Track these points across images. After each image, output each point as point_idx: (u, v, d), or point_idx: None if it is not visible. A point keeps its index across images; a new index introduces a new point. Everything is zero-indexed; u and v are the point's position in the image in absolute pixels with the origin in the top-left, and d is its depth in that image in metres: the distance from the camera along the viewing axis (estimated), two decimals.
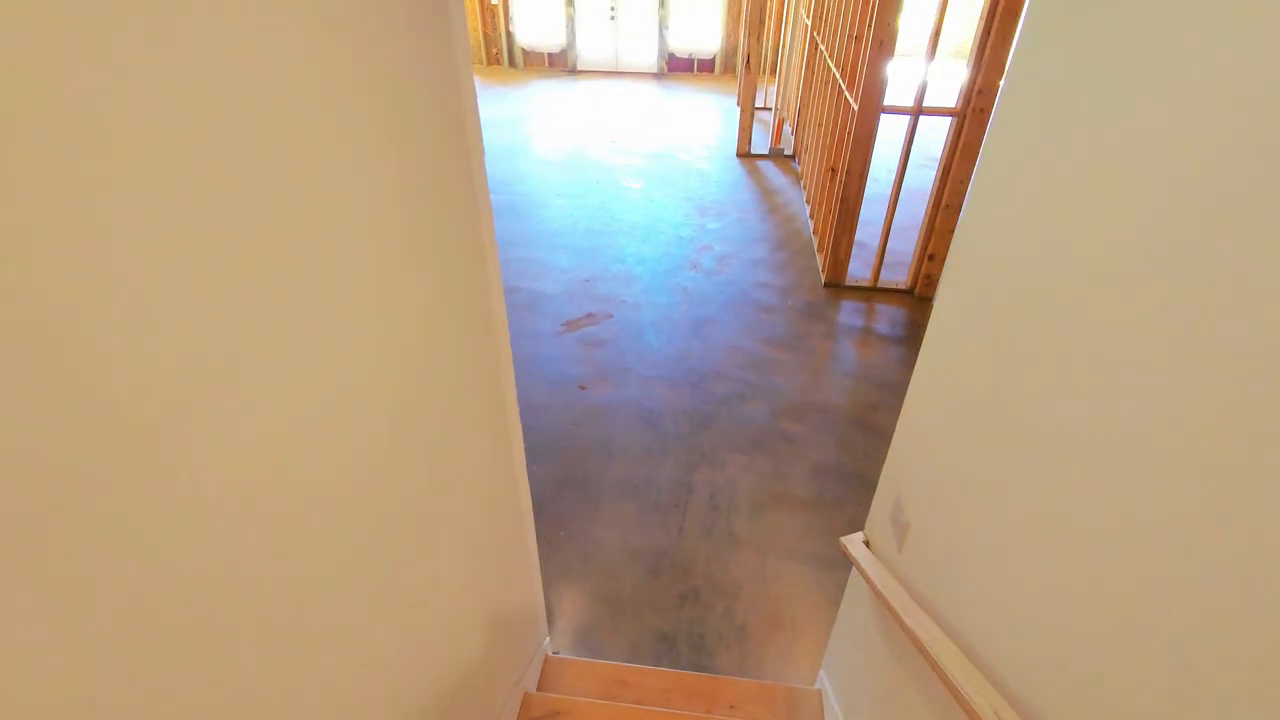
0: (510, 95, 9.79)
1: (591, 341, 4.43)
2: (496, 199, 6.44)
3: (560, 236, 5.78)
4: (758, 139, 8.05)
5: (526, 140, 8.04)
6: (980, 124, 4.18)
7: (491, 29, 10.95)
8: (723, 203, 6.48)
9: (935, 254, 4.72)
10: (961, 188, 4.42)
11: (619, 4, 10.57)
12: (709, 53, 10.80)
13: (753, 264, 5.41)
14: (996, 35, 3.87)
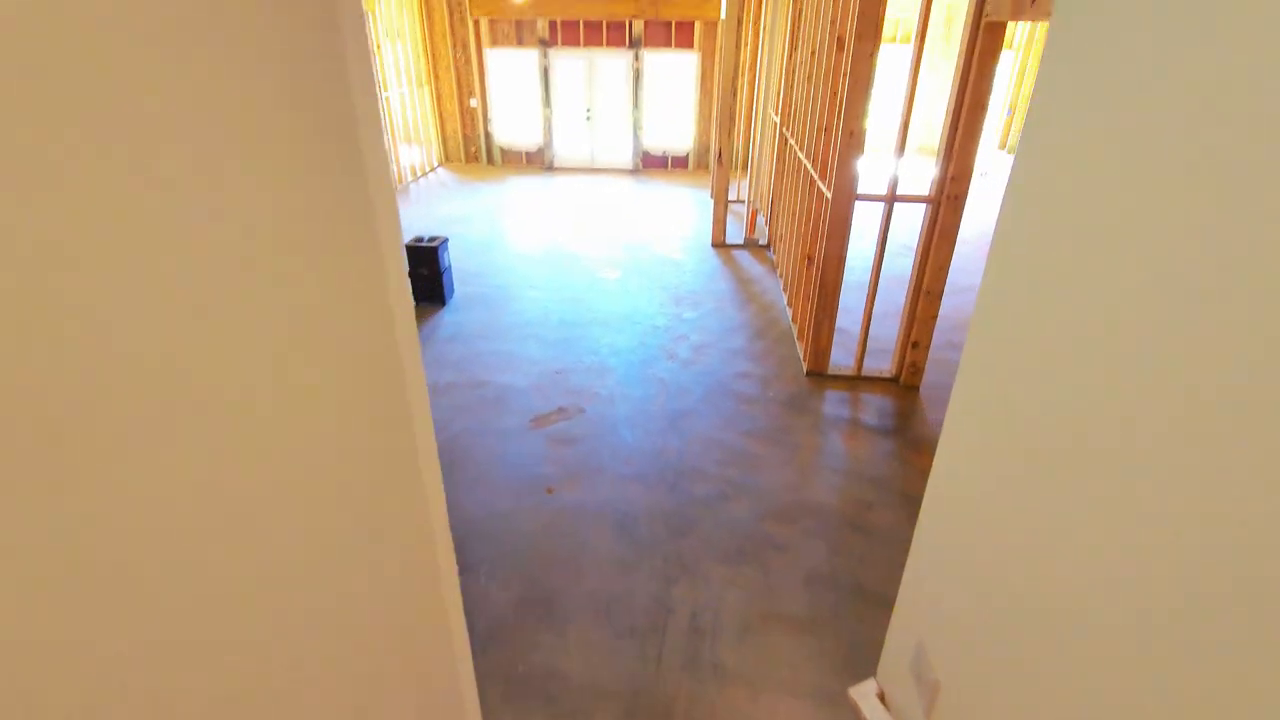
0: (486, 190, 9.91)
1: (562, 438, 4.12)
2: (469, 290, 6.29)
3: (532, 327, 5.58)
4: (732, 230, 8.12)
5: (502, 234, 8.02)
6: (955, 210, 4.14)
7: (470, 129, 11.26)
8: (699, 292, 6.38)
9: (919, 341, 4.57)
10: (941, 273, 4.33)
11: (594, 106, 10.98)
12: (682, 150, 11.16)
13: (731, 353, 5.22)
14: (965, 127, 3.88)
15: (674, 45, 10.40)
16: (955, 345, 5.36)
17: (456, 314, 5.82)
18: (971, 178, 4.06)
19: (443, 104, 11.07)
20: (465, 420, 4.28)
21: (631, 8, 10.13)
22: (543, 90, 10.83)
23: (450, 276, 6.05)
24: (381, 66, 9.24)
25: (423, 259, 5.75)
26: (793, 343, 5.40)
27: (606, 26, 10.33)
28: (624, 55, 10.53)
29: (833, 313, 4.69)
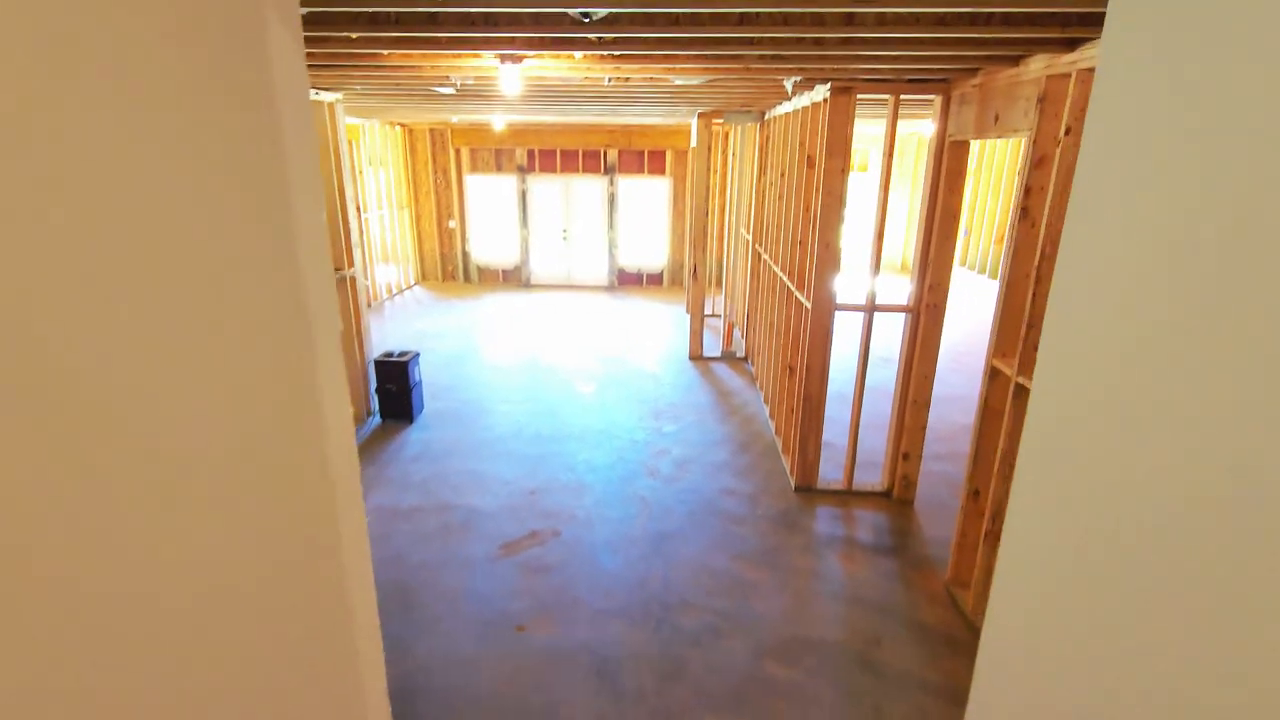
0: (462, 306, 9.91)
1: (534, 567, 3.74)
2: (439, 406, 6.03)
3: (505, 444, 5.29)
4: (709, 343, 8.10)
5: (476, 348, 7.89)
6: (935, 319, 4.10)
7: (448, 249, 11.46)
8: (678, 405, 6.21)
9: (909, 452, 4.39)
10: (926, 382, 4.23)
11: (571, 227, 11.32)
12: (656, 268, 11.43)
13: (715, 468, 4.96)
14: (939, 239, 3.93)
15: (647, 172, 10.94)
16: (943, 456, 5.18)
17: (425, 430, 5.53)
18: (948, 287, 4.07)
19: (421, 225, 11.33)
20: (427, 549, 3.88)
21: (606, 138, 10.72)
22: (520, 212, 11.19)
23: (420, 392, 5.82)
24: (362, 190, 9.48)
25: (391, 374, 5.54)
26: (778, 456, 5.17)
27: (583, 155, 10.88)
28: (599, 180, 11.01)
29: (819, 425, 4.51)
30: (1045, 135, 2.84)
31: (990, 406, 3.25)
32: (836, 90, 3.80)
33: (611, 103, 5.82)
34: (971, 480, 3.39)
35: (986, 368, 3.22)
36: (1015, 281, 3.05)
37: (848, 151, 3.91)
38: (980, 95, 3.39)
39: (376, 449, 5.18)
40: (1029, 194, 2.92)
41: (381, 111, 7.85)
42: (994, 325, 3.17)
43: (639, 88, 4.79)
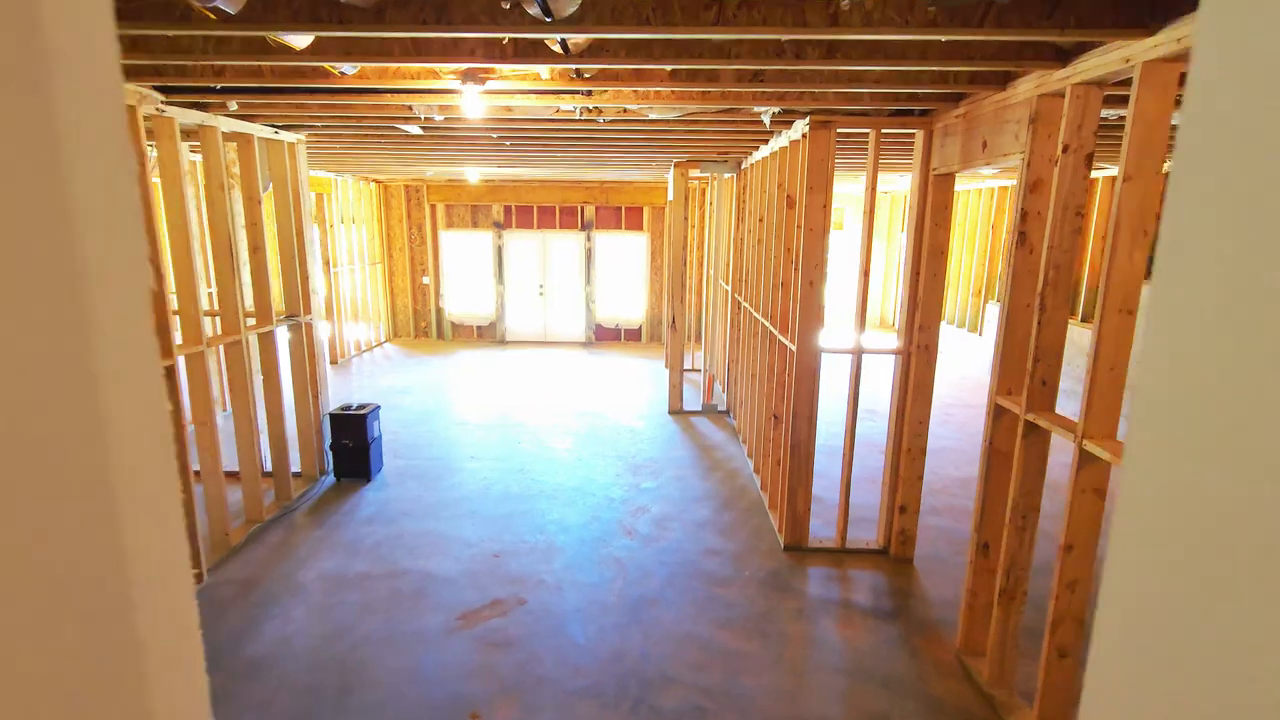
0: (433, 362, 9.56)
1: (495, 640, 3.29)
2: (401, 464, 5.61)
3: (469, 503, 4.87)
4: (689, 397, 7.82)
5: (445, 404, 7.51)
6: (927, 361, 3.87)
7: (421, 305, 11.19)
8: (658, 460, 5.85)
9: (906, 505, 4.07)
10: (921, 429, 3.95)
11: (547, 282, 11.15)
12: (634, 323, 11.25)
13: (697, 526, 4.58)
14: (928, 274, 3.75)
15: (624, 228, 10.90)
16: (939, 510, 4.85)
17: (383, 490, 5.09)
18: (939, 327, 3.86)
19: (395, 281, 11.09)
20: (373, 622, 3.42)
21: (584, 195, 10.71)
22: (496, 268, 11.03)
23: (379, 448, 5.40)
24: (333, 246, 9.26)
25: (348, 429, 5.14)
26: (765, 513, 4.81)
27: (560, 211, 10.84)
28: (576, 237, 10.94)
29: (808, 477, 4.19)
30: (1039, 157, 2.69)
31: (996, 449, 2.97)
32: (816, 124, 3.68)
33: (586, 149, 5.71)
34: (980, 533, 3.07)
35: (990, 408, 2.96)
36: (1017, 312, 2.84)
37: (829, 186, 3.76)
38: (965, 125, 3.27)
39: (326, 510, 4.73)
40: (1026, 219, 2.74)
41: (353, 163, 7.72)
42: (996, 362, 2.93)
43: (614, 130, 4.68)
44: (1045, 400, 2.68)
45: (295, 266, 4.84)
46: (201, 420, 3.92)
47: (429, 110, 3.79)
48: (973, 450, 6.22)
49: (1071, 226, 2.53)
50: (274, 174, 4.69)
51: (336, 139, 5.23)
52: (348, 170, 8.83)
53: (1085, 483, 2.40)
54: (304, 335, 4.95)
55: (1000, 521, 3.03)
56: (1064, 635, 2.53)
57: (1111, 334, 2.26)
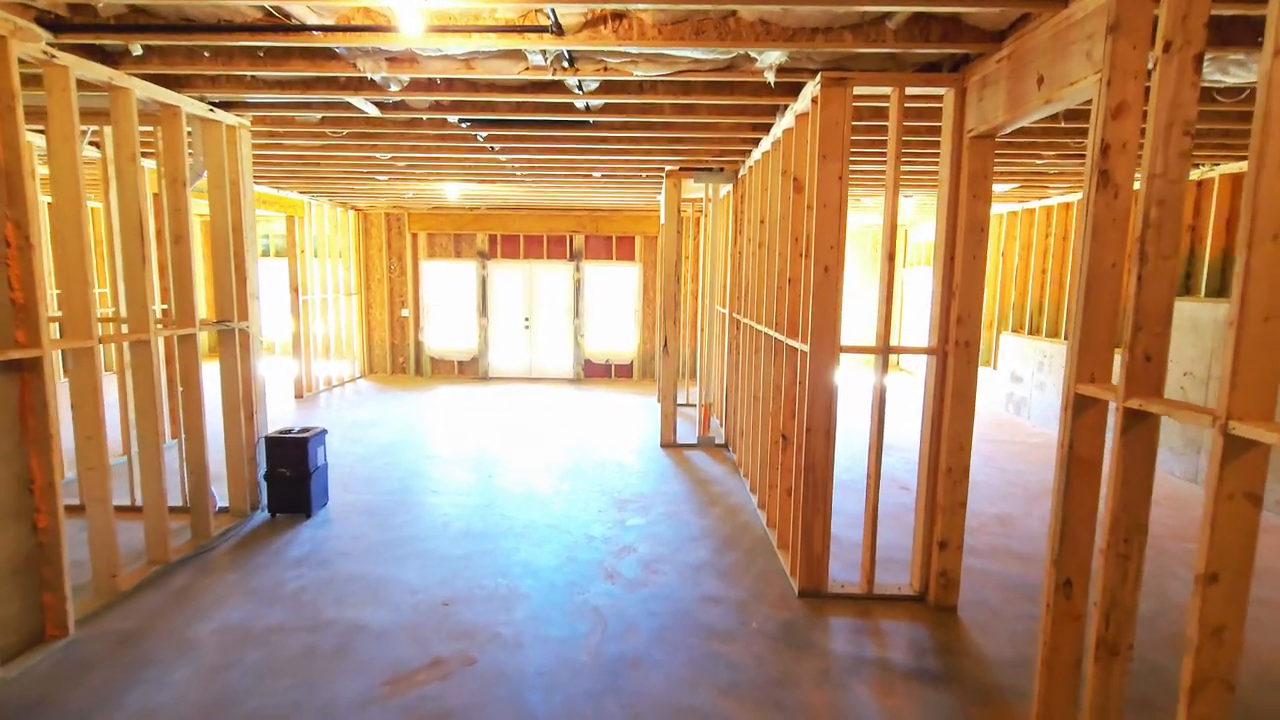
0: (408, 397, 8.85)
1: (428, 713, 2.51)
2: (351, 498, 4.85)
3: (422, 542, 4.11)
4: (683, 431, 7.11)
5: (415, 438, 6.78)
6: (968, 360, 3.22)
7: (400, 339, 10.56)
8: (647, 495, 5.11)
9: (947, 539, 3.34)
10: (963, 443, 3.27)
11: (534, 315, 10.56)
12: (626, 358, 10.61)
13: (693, 569, 3.82)
14: (965, 257, 3.14)
15: (615, 258, 10.39)
16: (980, 552, 4.11)
17: (323, 527, 4.33)
18: (980, 319, 3.22)
19: (372, 314, 10.48)
20: (273, 690, 2.64)
21: (572, 223, 10.24)
22: (480, 300, 10.45)
23: (324, 479, 4.66)
24: (303, 273, 8.67)
25: (286, 455, 4.41)
26: (773, 553, 4.06)
27: (547, 240, 10.35)
28: (565, 267, 10.42)
29: (826, 507, 3.48)
30: (1122, 73, 2.11)
31: (1079, 456, 2.29)
32: (829, 82, 3.14)
33: (568, 147, 5.18)
34: (1059, 567, 2.35)
35: (1067, 401, 2.29)
36: (1098, 275, 2.21)
37: (844, 154, 3.19)
38: (1010, 67, 2.72)
39: (250, 550, 3.96)
40: (1108, 153, 2.15)
41: (323, 180, 7.22)
42: (1073, 344, 2.28)
43: (598, 120, 4.15)
44: (1151, 380, 2.02)
45: (230, 266, 4.21)
46: (88, 435, 3.21)
47: (376, 68, 3.24)
48: (1005, 485, 5.50)
49: (1179, 149, 1.93)
50: (210, 161, 4.12)
51: (286, 129, 4.69)
52: (321, 191, 8.34)
53: (1233, 484, 1.72)
54: (238, 344, 4.28)
55: (1086, 549, 2.33)
56: (1208, 706, 1.80)
57: (1264, 270, 1.63)
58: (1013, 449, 6.70)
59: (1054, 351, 7.64)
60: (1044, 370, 7.83)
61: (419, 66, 3.26)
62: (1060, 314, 7.68)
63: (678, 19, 2.78)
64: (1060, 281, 7.72)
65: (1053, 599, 2.38)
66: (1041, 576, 3.82)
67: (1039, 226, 8.04)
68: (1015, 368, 8.35)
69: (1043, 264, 8.00)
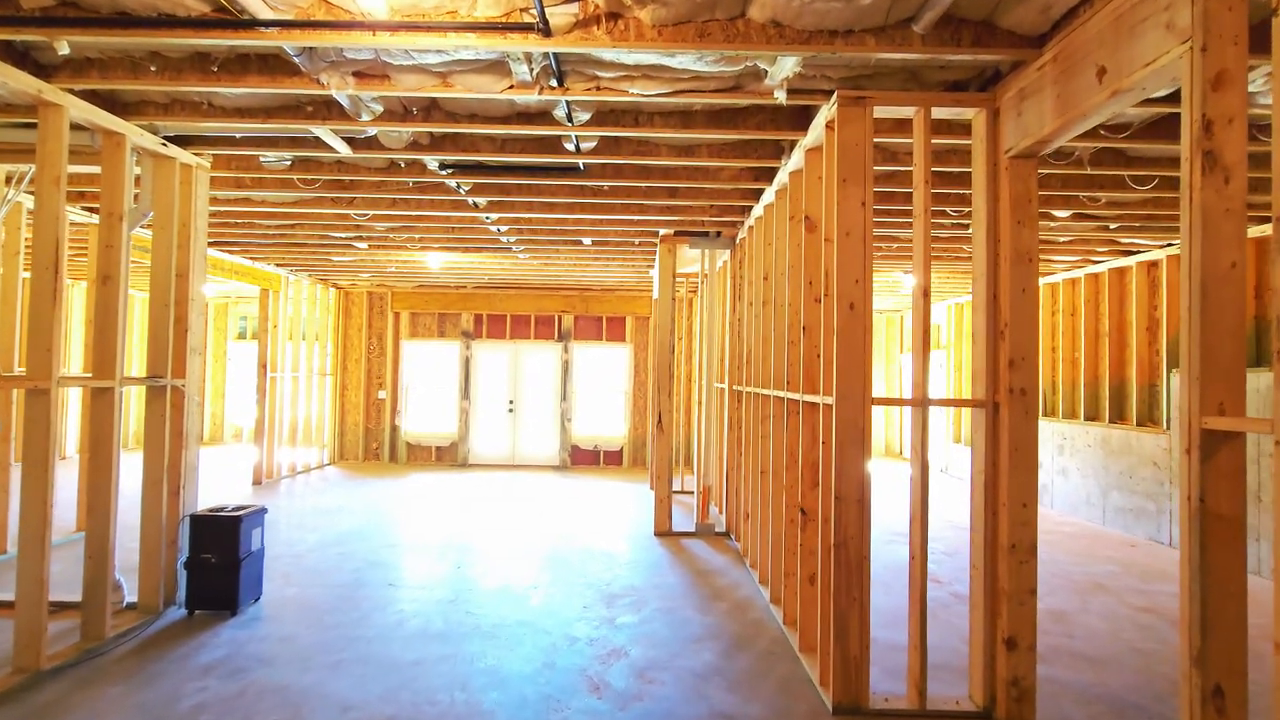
0: (378, 484, 8.11)
1: None
2: (291, 592, 4.11)
3: (366, 645, 3.37)
4: (680, 519, 6.42)
5: (380, 527, 6.04)
6: (1025, 410, 2.71)
7: (375, 422, 9.92)
8: (639, 589, 4.39)
9: (1015, 637, 2.69)
10: (1028, 515, 2.69)
11: (519, 398, 10.02)
12: (616, 443, 9.98)
13: (697, 678, 3.10)
14: (1013, 287, 2.71)
15: (605, 339, 10.02)
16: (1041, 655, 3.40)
17: (250, 626, 3.57)
18: (1038, 363, 2.74)
19: (347, 396, 9.90)
20: None
21: (561, 303, 9.94)
22: (462, 381, 9.93)
23: (258, 567, 3.94)
24: (274, 349, 8.18)
25: (213, 538, 3.72)
26: (794, 657, 3.34)
27: (535, 320, 9.99)
28: (553, 348, 10.00)
29: (863, 594, 2.84)
30: (1219, 38, 1.76)
31: (1214, 512, 1.74)
32: (846, 101, 2.83)
33: (558, 202, 4.88)
34: (1205, 669, 1.74)
35: (1191, 442, 1.77)
36: (1217, 278, 1.76)
37: (867, 178, 2.83)
38: (1056, 70, 2.40)
39: (153, 655, 3.20)
40: (1212, 130, 1.76)
41: (306, 253, 6.88)
42: (1190, 367, 1.79)
43: (589, 164, 3.85)
44: None
45: (169, 315, 3.72)
46: None
47: (342, 83, 2.91)
48: (1048, 577, 4.82)
49: None
50: (160, 199, 3.73)
51: (253, 176, 4.36)
52: (299, 265, 8.00)
53: None
54: (169, 405, 3.71)
55: (1239, 642, 1.73)
56: None
57: None
58: (1045, 538, 6.04)
59: (1073, 433, 7.15)
60: (1065, 454, 7.30)
61: (390, 83, 2.93)
62: (1076, 395, 7.26)
63: (680, 19, 2.48)
64: (1072, 360, 7.36)
65: (1199, 716, 1.74)
66: (1121, 686, 3.13)
67: (1045, 304, 7.79)
68: None
69: (1052, 342, 7.67)
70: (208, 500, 6.14)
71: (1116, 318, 6.75)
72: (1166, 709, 2.90)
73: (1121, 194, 4.25)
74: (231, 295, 11.17)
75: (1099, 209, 4.65)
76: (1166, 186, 4.20)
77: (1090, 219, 5.06)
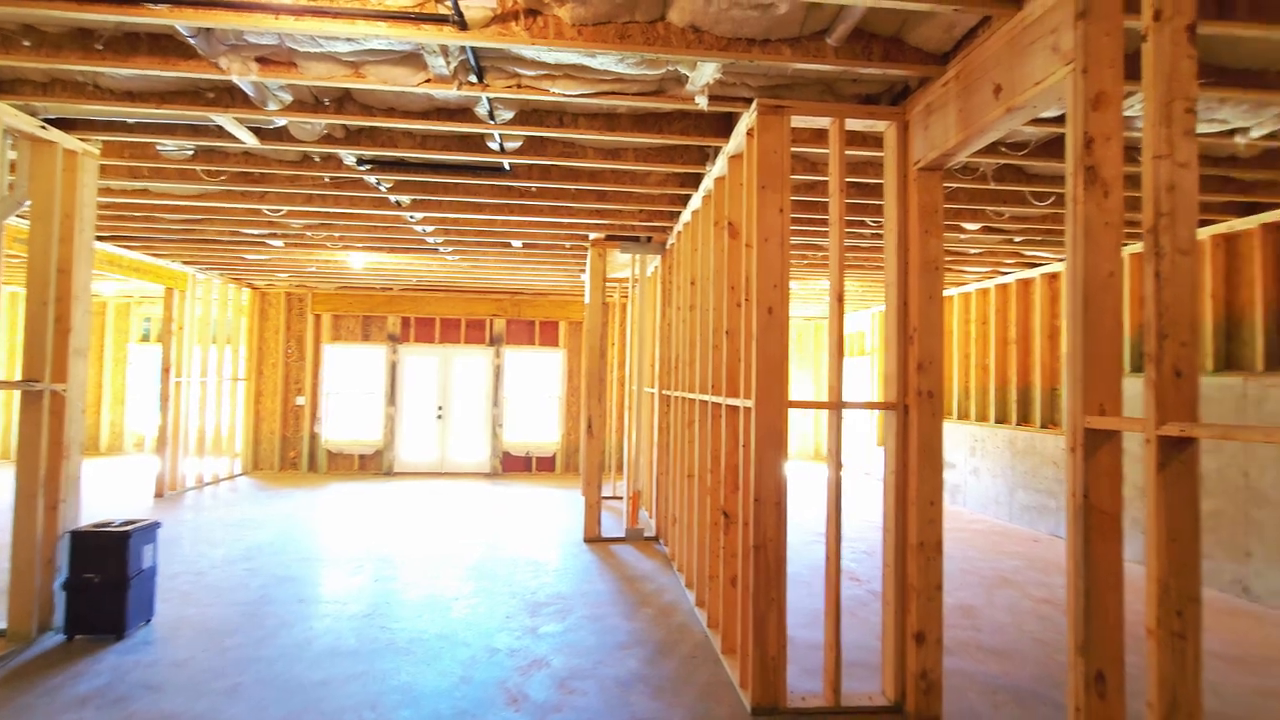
0: (295, 495, 7.71)
1: None
2: (190, 612, 3.84)
3: (269, 665, 3.17)
4: (609, 525, 6.38)
5: (291, 539, 5.73)
6: (933, 412, 2.82)
7: (292, 431, 9.44)
8: (566, 596, 4.32)
9: (925, 632, 2.78)
10: (935, 512, 2.80)
11: (448, 404, 9.76)
12: (548, 450, 9.86)
13: (621, 686, 3.06)
14: (921, 294, 2.81)
15: (538, 343, 9.89)
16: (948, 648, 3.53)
17: (138, 650, 3.30)
18: (944, 367, 2.86)
19: (262, 402, 9.39)
20: None
21: (492, 307, 9.75)
22: (388, 387, 9.59)
23: (149, 586, 3.66)
24: (178, 353, 7.66)
25: (97, 556, 3.43)
26: (716, 660, 3.36)
27: (465, 324, 9.76)
28: (484, 352, 9.80)
29: (780, 598, 2.87)
30: (1098, 61, 1.88)
31: (1097, 508, 1.85)
32: (766, 110, 2.88)
33: (482, 201, 4.77)
34: (1088, 656, 1.84)
35: (1075, 441, 1.87)
36: (1097, 286, 1.87)
37: (785, 185, 2.89)
38: (959, 85, 2.52)
39: (15, 688, 2.91)
40: (1092, 147, 1.87)
41: (217, 251, 6.48)
42: (1074, 369, 1.90)
43: (514, 164, 3.78)
44: (1185, 400, 1.63)
45: (49, 313, 3.41)
46: None
47: (244, 69, 2.75)
48: (958, 573, 5.04)
49: (1184, 127, 1.66)
50: (38, 187, 3.43)
51: (150, 165, 4.07)
52: (209, 263, 7.54)
53: None
54: (47, 411, 3.40)
55: (1118, 631, 1.83)
56: None
57: None
58: (955, 535, 6.33)
59: (984, 435, 7.53)
60: (977, 455, 7.68)
61: (298, 71, 2.79)
62: (987, 399, 7.65)
63: (600, 19, 2.46)
64: (984, 366, 7.76)
65: (1083, 700, 1.84)
66: (1024, 676, 3.29)
67: (959, 313, 8.18)
68: (947, 454, 8.19)
69: (965, 349, 8.07)
70: (100, 514, 5.69)
71: (1023, 326, 7.16)
72: (1062, 696, 3.06)
73: (1023, 209, 4.50)
74: (134, 295, 10.43)
75: (1004, 223, 4.92)
76: (1062, 203, 4.48)
77: (997, 232, 5.34)
